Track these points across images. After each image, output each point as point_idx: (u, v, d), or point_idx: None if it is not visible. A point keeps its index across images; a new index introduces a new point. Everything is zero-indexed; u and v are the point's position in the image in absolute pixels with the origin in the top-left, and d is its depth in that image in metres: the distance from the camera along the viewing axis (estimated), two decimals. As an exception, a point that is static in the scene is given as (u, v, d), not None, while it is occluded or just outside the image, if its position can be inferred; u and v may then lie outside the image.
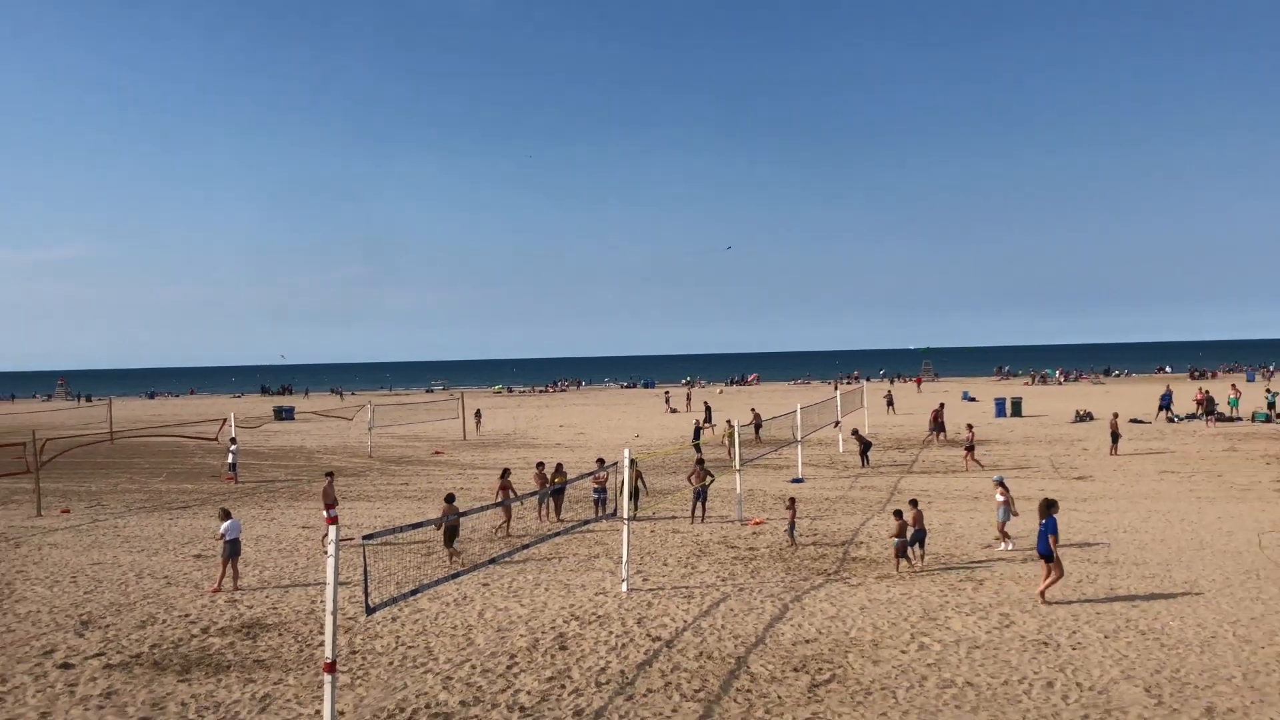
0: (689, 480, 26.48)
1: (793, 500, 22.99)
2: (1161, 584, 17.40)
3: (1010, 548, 20.56)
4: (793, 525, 21.98)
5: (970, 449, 36.69)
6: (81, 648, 14.99)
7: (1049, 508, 16.69)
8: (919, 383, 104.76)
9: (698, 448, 40.43)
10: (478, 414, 61.11)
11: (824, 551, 21.08)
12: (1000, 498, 21.24)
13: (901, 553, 19.09)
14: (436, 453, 47.39)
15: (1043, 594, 16.42)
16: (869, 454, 37.91)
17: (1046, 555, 16.41)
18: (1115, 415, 43.18)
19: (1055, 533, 16.45)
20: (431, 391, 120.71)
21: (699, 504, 25.52)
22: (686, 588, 18.09)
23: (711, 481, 26.03)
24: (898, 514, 19.65)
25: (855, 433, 40.45)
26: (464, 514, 14.58)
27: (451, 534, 21.02)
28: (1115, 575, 18.12)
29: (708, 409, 57.37)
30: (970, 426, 40.01)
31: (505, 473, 26.75)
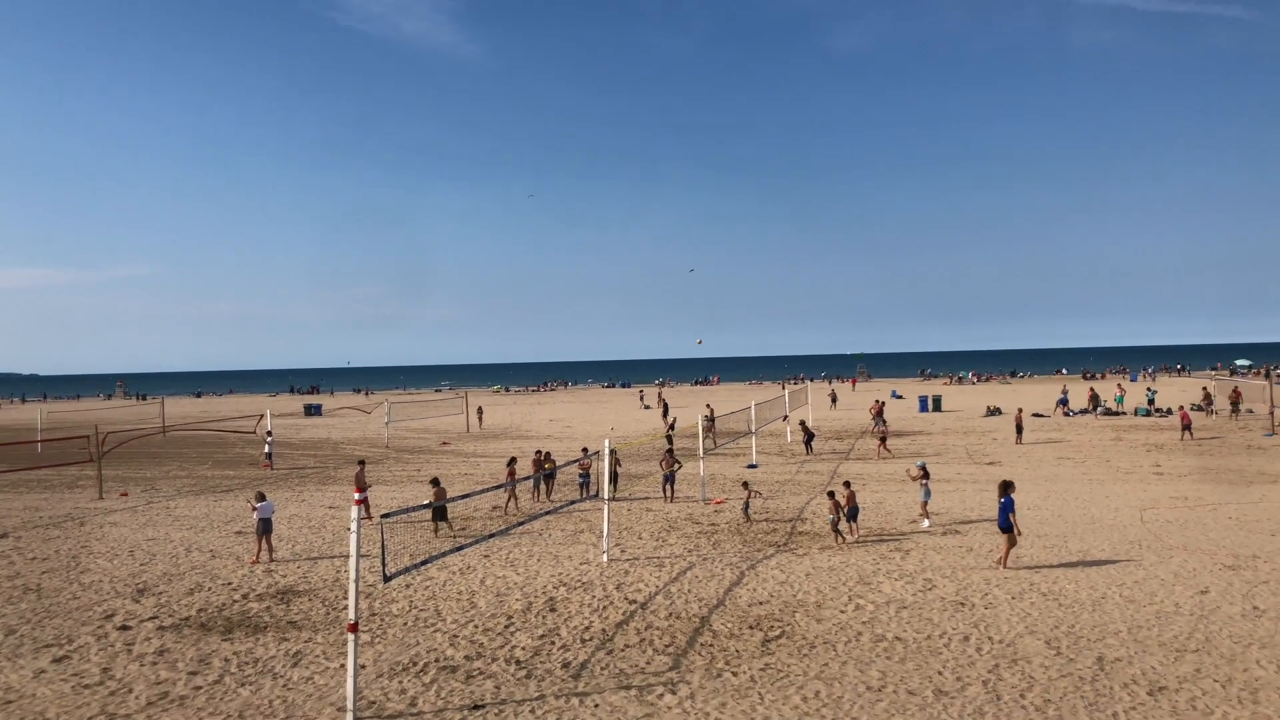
0: (660, 466, 26.49)
1: (746, 484, 22.95)
2: (1059, 553, 17.51)
3: (930, 525, 20.63)
4: (747, 505, 21.87)
5: (883, 440, 36.86)
6: (138, 612, 14.82)
7: (1007, 488, 16.65)
8: (854, 383, 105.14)
9: (669, 439, 40.44)
10: (479, 410, 60.77)
11: (775, 527, 21.09)
12: (922, 480, 21.33)
13: (835, 528, 19.15)
14: (444, 443, 47.13)
15: (1003, 561, 16.40)
16: (812, 443, 38.01)
17: (1006, 528, 16.35)
18: (1020, 411, 43.47)
19: (1013, 509, 16.43)
20: (440, 391, 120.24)
21: (668, 486, 25.61)
22: (658, 558, 18.07)
23: (679, 468, 26.08)
24: (830, 494, 19.75)
25: (802, 424, 40.52)
26: (464, 496, 14.52)
27: (439, 514, 21.05)
28: (1020, 546, 18.21)
29: (665, 405, 57.63)
30: (878, 412, 39.84)
31: (512, 460, 26.81)
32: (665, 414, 54.80)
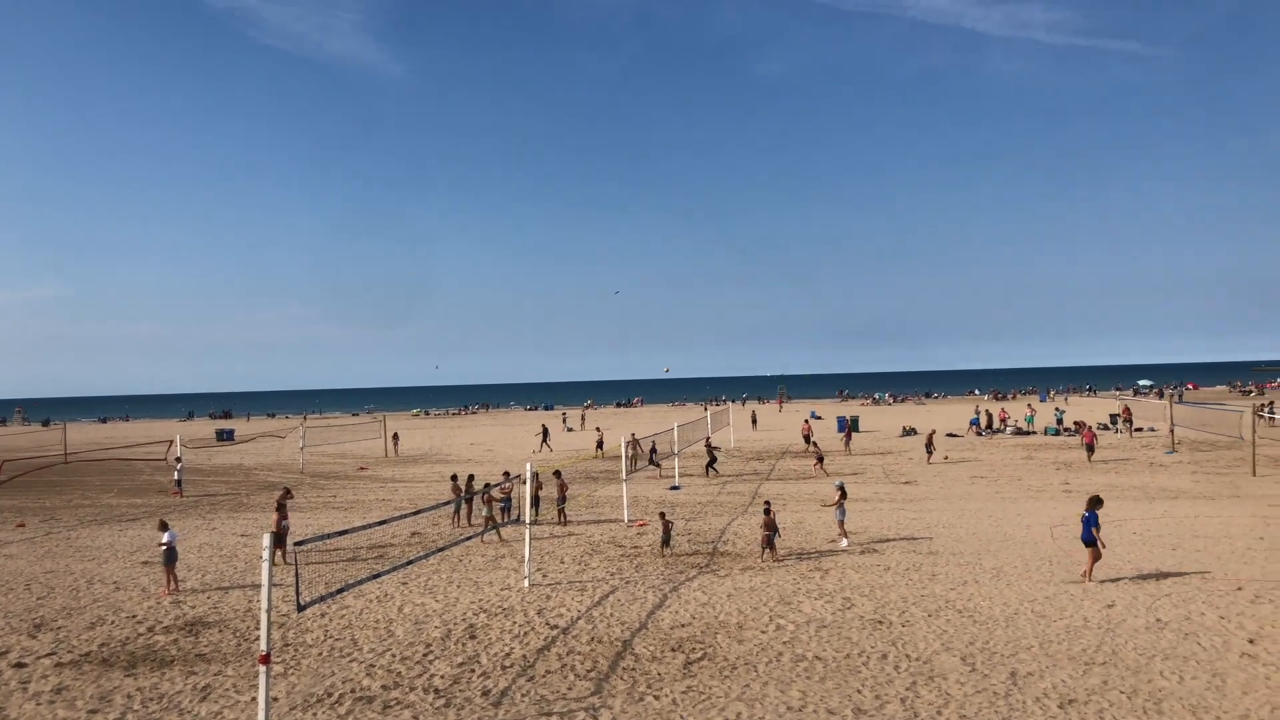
0: (556, 490, 26.36)
1: (664, 514, 22.12)
2: (974, 570, 17.89)
3: (848, 544, 20.90)
4: (667, 536, 21.02)
5: (819, 460, 37.48)
6: (34, 648, 14.15)
7: (1094, 503, 16.91)
8: (780, 403, 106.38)
9: (558, 472, 40.34)
10: (395, 436, 59.13)
11: (697, 548, 21.14)
12: (838, 499, 21.59)
13: (769, 544, 19.31)
14: (361, 469, 46.26)
15: (1087, 574, 16.61)
16: (714, 465, 38.06)
17: (1089, 541, 16.56)
18: (932, 432, 44.40)
19: (1097, 524, 16.62)
20: (357, 416, 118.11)
21: (560, 511, 25.82)
22: (580, 582, 17.95)
23: (568, 491, 26.17)
24: (766, 510, 19.91)
25: (707, 442, 40.67)
26: (417, 512, 14.21)
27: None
28: (937, 563, 18.57)
29: (544, 430, 57.55)
30: (809, 434, 40.31)
31: (454, 477, 26.83)
32: (544, 439, 55.88)
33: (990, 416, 57.87)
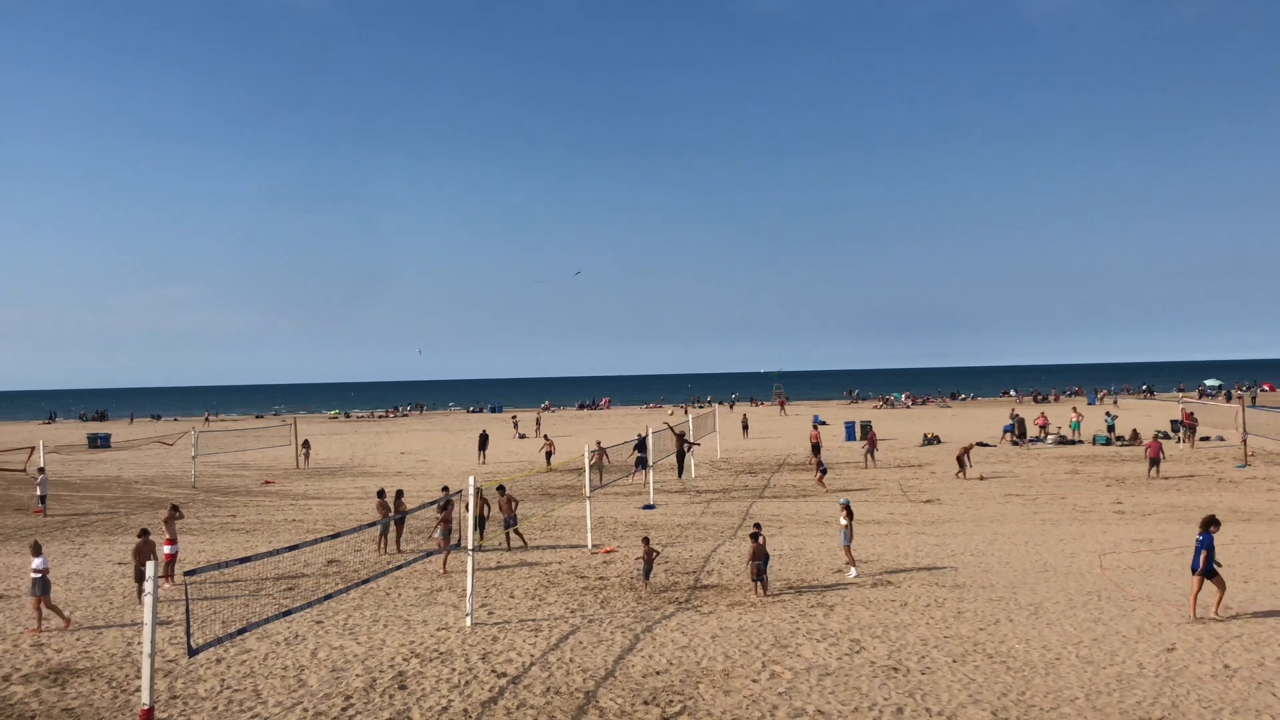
0: (499, 509, 26.33)
1: (647, 540, 22.22)
2: (1007, 606, 18.03)
3: (856, 574, 21.00)
4: (649, 566, 21.22)
5: (823, 471, 37.73)
6: None
7: (1209, 524, 17.00)
8: (782, 404, 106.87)
9: (502, 487, 40.30)
10: (305, 445, 57.54)
11: (675, 580, 21.18)
12: (844, 521, 21.68)
13: (758, 576, 19.37)
14: (267, 482, 45.99)
15: (1192, 608, 16.75)
16: (681, 468, 38.33)
17: (1208, 573, 16.62)
18: (969, 446, 43.13)
19: (1209, 548, 16.67)
20: (261, 418, 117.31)
21: (511, 532, 25.87)
22: (534, 620, 17.93)
23: (516, 506, 26.08)
24: (754, 535, 19.94)
25: (681, 437, 40.58)
26: (336, 536, 14.09)
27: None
28: (963, 598, 18.70)
29: (483, 438, 57.47)
30: (818, 443, 40.39)
31: (382, 494, 26.81)
32: (482, 447, 56.28)
33: (1023, 423, 58.35)
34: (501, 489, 26.33)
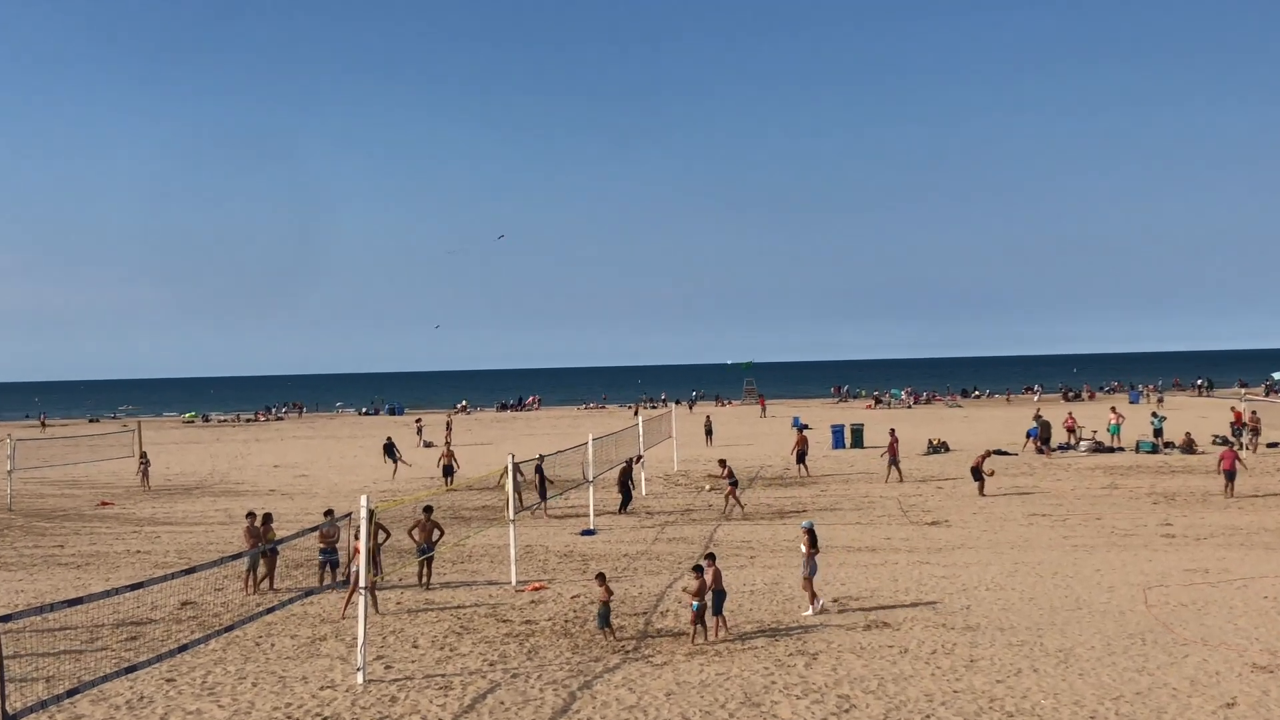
0: (410, 535, 26.19)
1: (602, 576, 21.34)
2: (1031, 653, 18.18)
3: (816, 610, 21.21)
4: (605, 612, 20.46)
5: (734, 484, 37.52)
6: None
7: None
8: (762, 403, 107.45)
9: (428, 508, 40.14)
10: (143, 458, 54.97)
11: (622, 622, 21.17)
12: (805, 548, 21.77)
13: (700, 619, 19.38)
14: (103, 504, 45.40)
15: None
16: (629, 501, 38.24)
17: None
18: (986, 454, 43.31)
19: None
20: (96, 422, 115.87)
21: (426, 566, 25.78)
22: (443, 675, 17.87)
23: (440, 537, 25.89)
24: (697, 569, 19.95)
25: (626, 467, 40.44)
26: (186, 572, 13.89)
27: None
28: (976, 643, 18.85)
29: (389, 445, 57.32)
30: (723, 462, 40.12)
31: (252, 516, 26.69)
32: (393, 457, 56.21)
33: (1049, 426, 58.67)
34: (428, 510, 26.21)
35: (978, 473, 40.86)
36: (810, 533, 22.09)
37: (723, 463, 39.64)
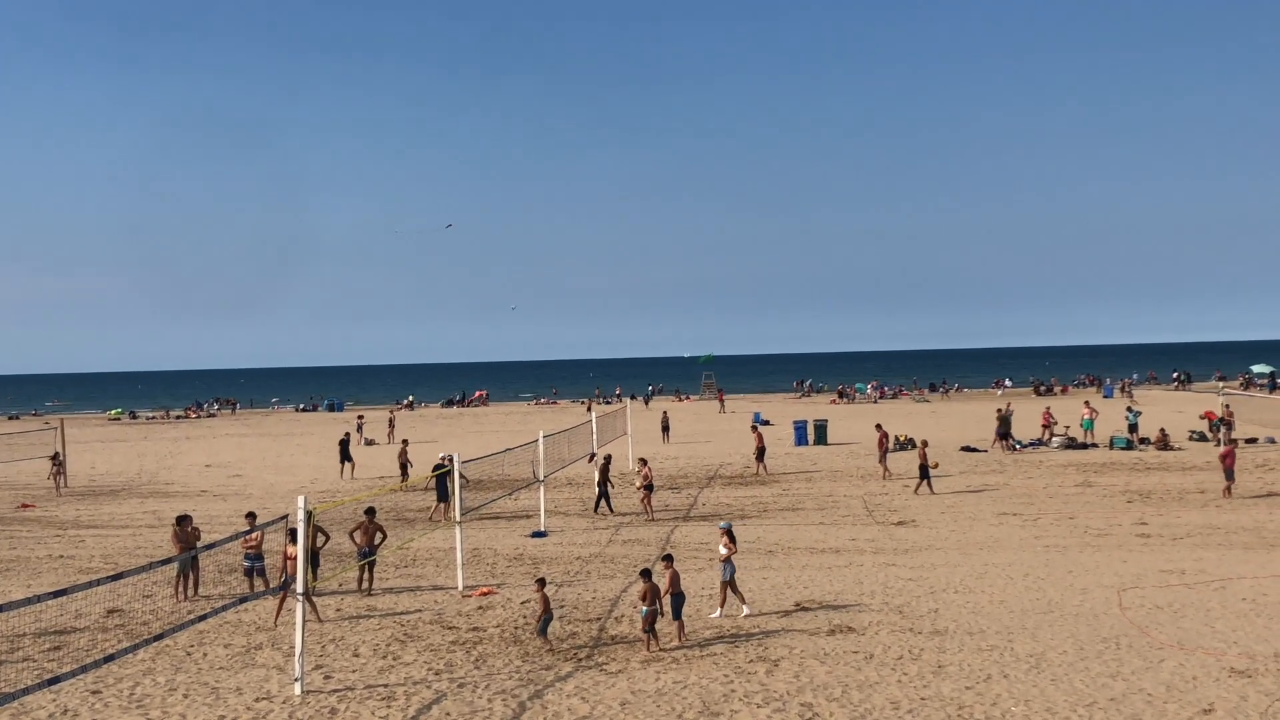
0: (351, 538, 26.06)
1: (542, 581, 21.23)
2: (1002, 658, 18.29)
3: (721, 614, 21.47)
4: (546, 621, 20.46)
5: (649, 488, 37.48)
6: None
7: None
8: (721, 398, 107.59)
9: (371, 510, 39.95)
10: (55, 459, 53.45)
11: (574, 629, 21.15)
12: (724, 549, 21.84)
13: (650, 626, 19.36)
14: (24, 506, 45.00)
15: None
16: (607, 499, 38.15)
17: None
18: (923, 444, 43.96)
19: None
20: (16, 419, 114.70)
21: (367, 570, 25.66)
22: (386, 686, 17.81)
23: (383, 540, 25.77)
24: (645, 574, 19.91)
25: (604, 465, 40.40)
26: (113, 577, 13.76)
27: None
28: (944, 648, 18.95)
29: (345, 442, 56.94)
30: (644, 461, 40.07)
31: (182, 520, 26.24)
32: (345, 458, 55.53)
33: (1008, 420, 58.95)
34: (371, 511, 26.06)
35: (925, 470, 40.88)
36: (728, 533, 22.19)
37: (643, 461, 39.55)
